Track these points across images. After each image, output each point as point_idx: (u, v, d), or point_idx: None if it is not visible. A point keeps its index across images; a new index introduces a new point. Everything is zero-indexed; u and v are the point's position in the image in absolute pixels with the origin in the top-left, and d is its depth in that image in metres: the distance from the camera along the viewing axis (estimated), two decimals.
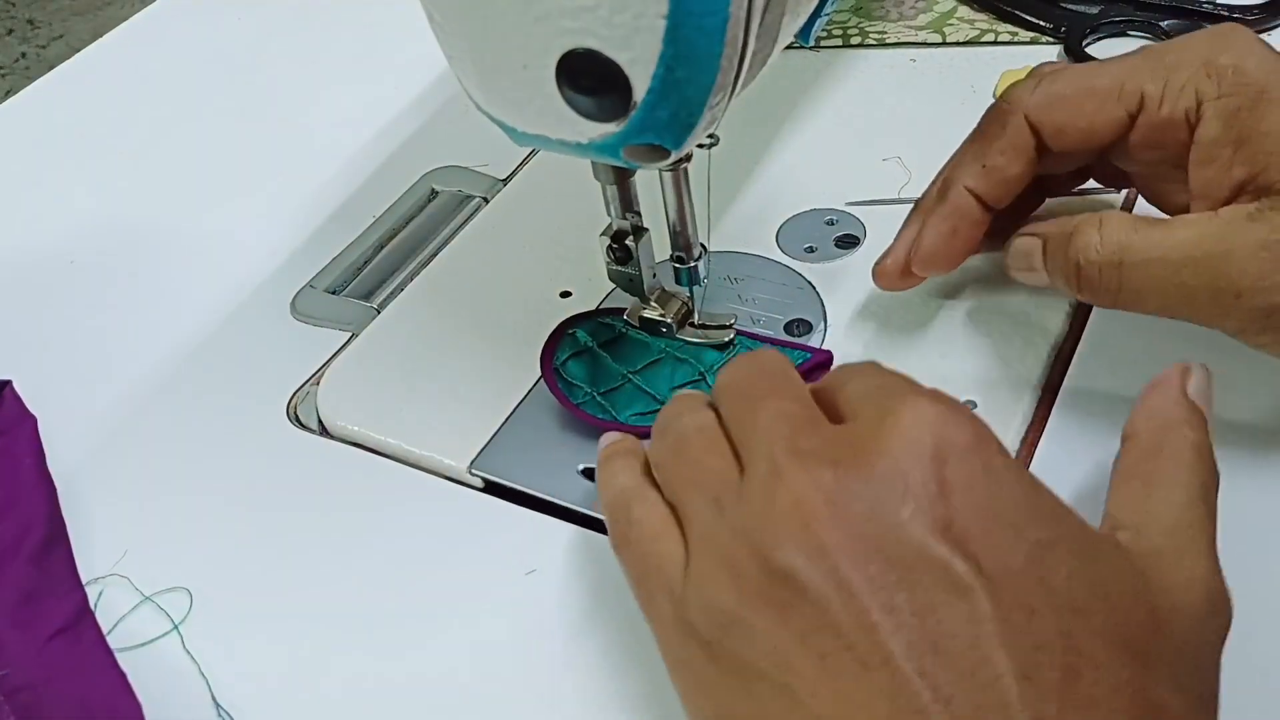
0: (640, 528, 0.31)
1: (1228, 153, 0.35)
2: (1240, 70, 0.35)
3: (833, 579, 0.26)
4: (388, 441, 0.42)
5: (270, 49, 0.66)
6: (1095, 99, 0.37)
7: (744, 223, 0.48)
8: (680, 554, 0.30)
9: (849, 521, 0.26)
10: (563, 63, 0.31)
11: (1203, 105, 0.35)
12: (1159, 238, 0.34)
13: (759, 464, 0.28)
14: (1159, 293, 0.35)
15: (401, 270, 0.50)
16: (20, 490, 0.42)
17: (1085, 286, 0.36)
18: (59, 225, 0.55)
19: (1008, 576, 0.25)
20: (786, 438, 0.28)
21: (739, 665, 0.27)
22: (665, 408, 0.33)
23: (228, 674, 0.36)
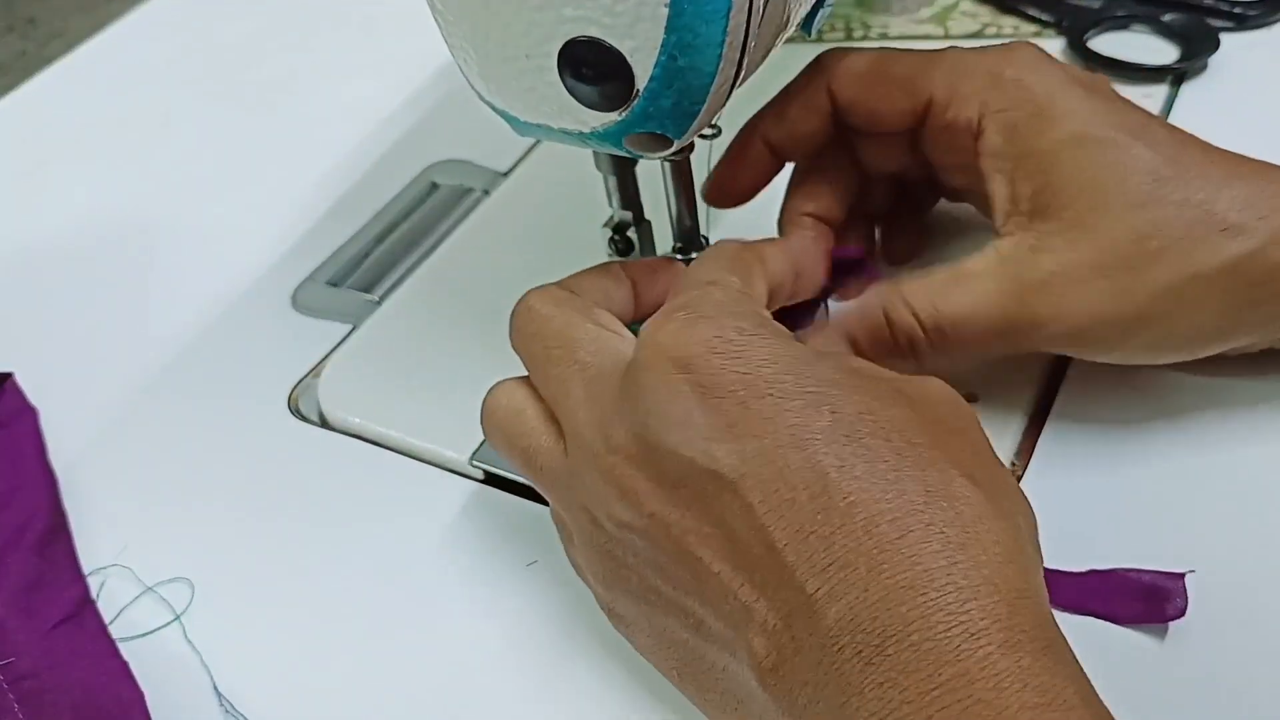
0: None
1: (1010, 166, 0.36)
2: (1022, 85, 0.36)
3: (650, 518, 0.29)
4: (388, 433, 0.42)
5: (270, 42, 0.66)
6: (885, 86, 0.38)
7: (745, 214, 0.48)
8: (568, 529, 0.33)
9: (644, 464, 0.29)
10: (565, 51, 0.31)
11: (984, 117, 0.37)
12: (963, 294, 0.36)
13: (571, 441, 0.32)
14: (980, 344, 0.36)
15: (402, 263, 0.50)
16: (22, 482, 0.42)
17: (921, 357, 0.37)
18: (60, 219, 0.55)
19: (766, 459, 0.27)
20: (583, 405, 0.31)
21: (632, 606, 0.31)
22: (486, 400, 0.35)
23: (229, 664, 0.36)
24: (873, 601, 0.25)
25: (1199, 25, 0.54)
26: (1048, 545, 0.35)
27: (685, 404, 0.28)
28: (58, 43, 0.95)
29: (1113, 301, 0.34)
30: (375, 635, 0.36)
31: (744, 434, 0.28)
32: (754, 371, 0.28)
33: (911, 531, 0.26)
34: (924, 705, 0.24)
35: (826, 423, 0.27)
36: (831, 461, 0.27)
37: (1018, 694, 0.24)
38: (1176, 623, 0.33)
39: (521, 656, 0.35)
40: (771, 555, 0.27)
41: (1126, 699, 0.26)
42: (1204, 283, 0.34)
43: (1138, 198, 0.34)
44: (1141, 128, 0.36)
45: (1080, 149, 0.35)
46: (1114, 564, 0.34)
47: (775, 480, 0.27)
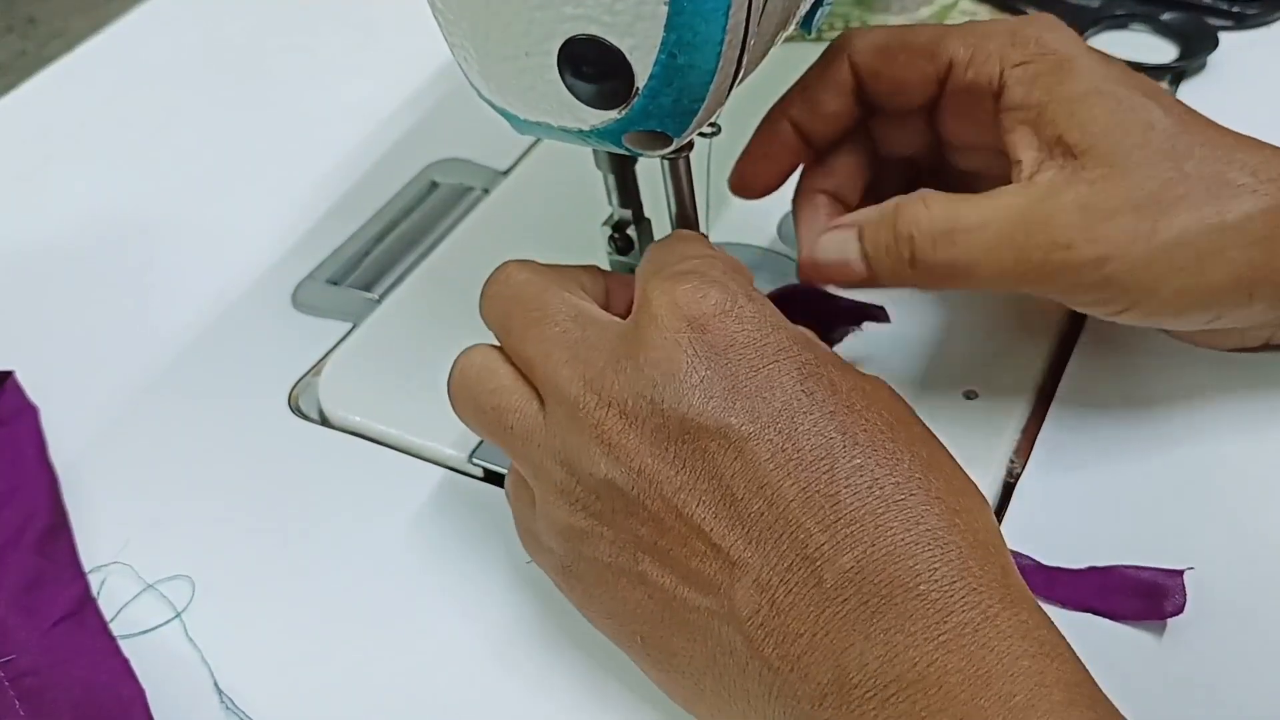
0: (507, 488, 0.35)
1: (1033, 115, 0.36)
2: (1043, 41, 0.37)
3: (639, 474, 0.29)
4: (388, 431, 0.42)
5: (270, 41, 0.66)
6: (909, 53, 0.38)
7: (745, 214, 0.48)
8: (529, 496, 0.33)
9: (639, 420, 0.29)
10: (565, 50, 0.31)
11: (1005, 72, 0.37)
12: (986, 204, 0.35)
13: (551, 397, 0.32)
14: (989, 261, 0.35)
15: (402, 261, 0.51)
16: (23, 480, 0.42)
17: (919, 261, 0.35)
18: (60, 218, 0.55)
19: (780, 413, 0.28)
20: (568, 362, 0.31)
21: (599, 568, 0.31)
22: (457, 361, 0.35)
23: (230, 661, 0.36)
24: (880, 555, 0.26)
25: (1198, 24, 0.54)
26: (1047, 543, 0.36)
27: (694, 362, 0.29)
28: (58, 42, 0.94)
29: (1139, 243, 0.34)
30: (375, 632, 0.37)
31: (753, 395, 0.29)
32: (762, 338, 0.30)
33: (913, 495, 0.27)
34: (932, 650, 0.25)
35: (828, 393, 0.29)
36: (836, 427, 0.28)
37: (1019, 642, 0.26)
38: (1175, 619, 0.33)
39: (521, 653, 0.35)
40: (774, 511, 0.28)
41: (1125, 696, 0.27)
42: (1223, 235, 0.34)
43: (1162, 146, 0.35)
44: (1156, 92, 0.36)
45: (1103, 100, 0.35)
46: (1112, 561, 0.34)
47: (783, 441, 0.28)
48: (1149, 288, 0.35)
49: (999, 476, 0.38)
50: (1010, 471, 0.38)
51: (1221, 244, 0.34)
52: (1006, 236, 0.35)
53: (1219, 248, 0.34)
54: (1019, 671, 0.25)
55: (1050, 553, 0.35)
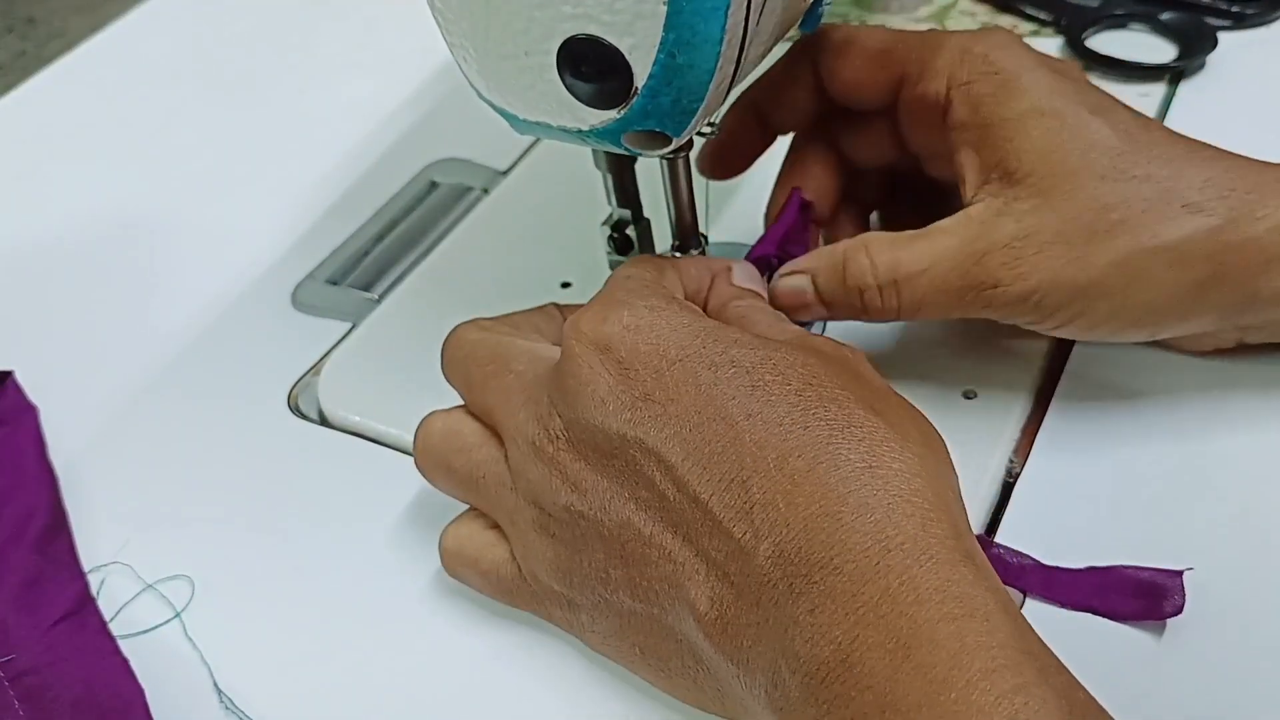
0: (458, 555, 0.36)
1: (976, 136, 0.37)
2: (989, 59, 0.37)
3: (594, 495, 0.30)
4: (388, 431, 0.42)
5: (269, 41, 0.66)
6: (862, 57, 0.39)
7: (744, 213, 0.48)
8: (506, 551, 0.34)
9: (580, 446, 0.31)
10: (564, 49, 0.31)
11: (951, 90, 0.37)
12: (922, 249, 0.36)
13: (512, 444, 0.33)
14: (934, 302, 0.36)
15: (402, 261, 0.51)
16: (22, 479, 0.42)
17: (869, 309, 0.37)
18: (60, 218, 0.55)
19: (692, 410, 0.29)
20: (523, 406, 0.32)
21: (590, 594, 0.32)
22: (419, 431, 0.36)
23: (229, 661, 0.36)
24: (795, 534, 0.26)
25: (1197, 24, 0.54)
26: (1046, 543, 0.36)
27: (607, 381, 0.30)
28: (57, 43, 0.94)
29: (1070, 268, 0.35)
30: (374, 632, 0.37)
31: (660, 400, 0.29)
32: (664, 341, 0.30)
33: (820, 463, 0.27)
34: (850, 626, 0.25)
35: (730, 376, 0.29)
36: (739, 410, 0.28)
37: (938, 605, 0.25)
38: (1174, 620, 0.33)
39: (521, 653, 0.35)
40: (698, 509, 0.28)
41: (1124, 695, 0.27)
42: (1162, 256, 0.34)
43: (1100, 169, 0.35)
44: (1106, 108, 0.36)
45: (1044, 119, 0.35)
46: (1112, 561, 0.34)
47: (692, 438, 0.29)
48: (1080, 311, 0.35)
49: (998, 476, 0.38)
50: (1009, 471, 0.38)
51: (1158, 266, 0.34)
52: (943, 279, 0.36)
53: (1155, 270, 0.34)
54: (938, 638, 0.24)
55: (1050, 552, 0.35)
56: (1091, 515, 0.36)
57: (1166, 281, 0.35)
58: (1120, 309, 0.35)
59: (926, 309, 0.37)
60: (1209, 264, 0.34)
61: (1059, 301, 0.35)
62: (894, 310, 0.37)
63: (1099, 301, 0.35)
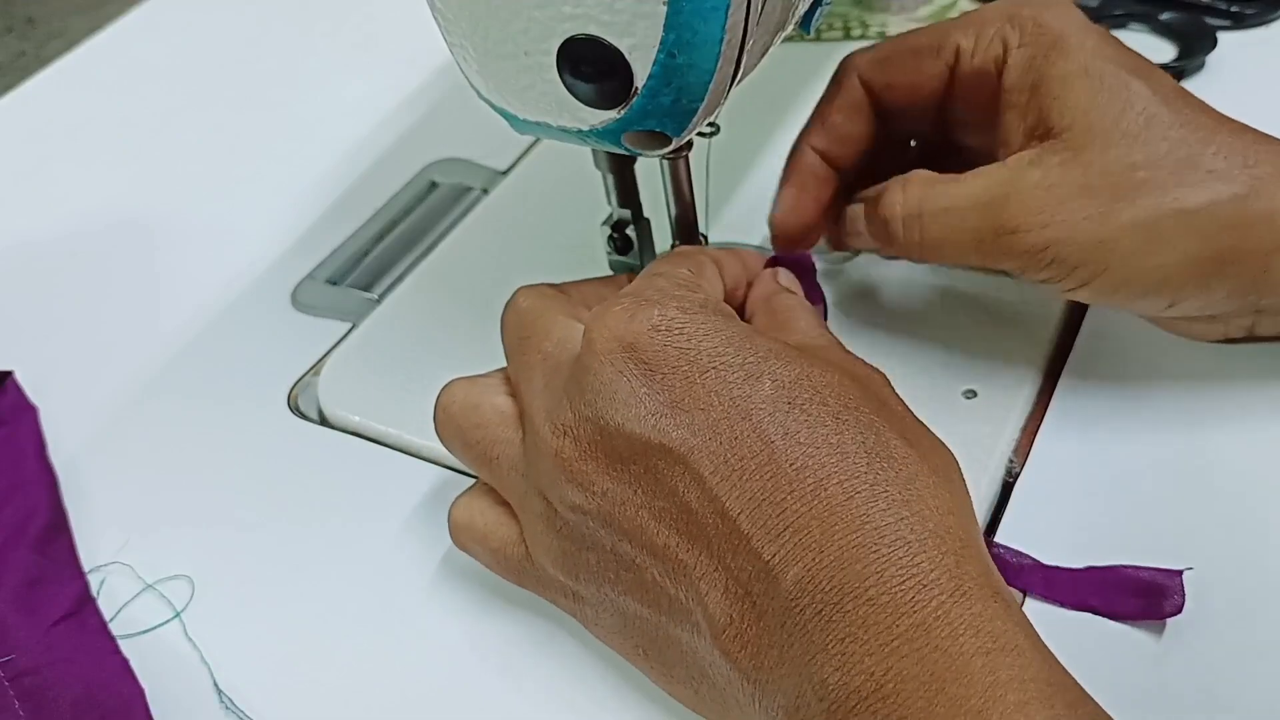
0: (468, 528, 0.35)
1: (1025, 98, 0.37)
2: (1039, 21, 0.37)
3: (602, 499, 0.30)
4: (388, 431, 0.42)
5: (269, 41, 0.66)
6: (917, 56, 0.39)
7: (744, 213, 0.48)
8: (516, 531, 0.34)
9: (592, 446, 0.30)
10: (564, 49, 0.31)
11: (1008, 53, 0.37)
12: (953, 188, 0.37)
13: (527, 430, 0.32)
14: (953, 240, 0.37)
15: (402, 261, 0.51)
16: (22, 479, 0.42)
17: (893, 240, 0.38)
18: (59, 218, 0.55)
19: (720, 421, 0.28)
20: (539, 394, 0.32)
21: (594, 590, 0.31)
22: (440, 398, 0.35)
23: (229, 660, 0.36)
24: (828, 562, 0.26)
25: (1197, 24, 0.54)
26: (1046, 542, 0.36)
27: (631, 383, 0.29)
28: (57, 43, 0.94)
29: (1090, 223, 0.35)
30: (374, 632, 0.37)
31: (690, 407, 0.29)
32: (696, 347, 0.29)
33: (859, 493, 0.27)
34: (884, 656, 0.25)
35: (768, 391, 0.28)
36: (776, 429, 0.28)
37: (971, 639, 0.25)
38: (1174, 619, 0.33)
39: (521, 652, 0.35)
40: (726, 524, 0.27)
41: (1124, 695, 0.27)
42: (1183, 220, 0.34)
43: (1133, 129, 0.35)
44: (1146, 70, 0.37)
45: (1087, 79, 0.36)
46: (1112, 560, 0.34)
47: (724, 451, 0.28)
48: (1097, 269, 0.35)
49: (998, 476, 0.38)
50: (1009, 471, 0.38)
51: (1177, 229, 0.34)
52: (964, 219, 0.36)
53: (1174, 233, 0.34)
54: (972, 672, 0.25)
55: (1050, 552, 0.35)
56: (1091, 515, 0.36)
57: (1184, 247, 0.35)
58: (1137, 272, 0.35)
59: (947, 247, 0.37)
60: (1227, 234, 0.34)
61: (1076, 257, 0.35)
62: (916, 244, 0.37)
63: (1118, 262, 0.35)
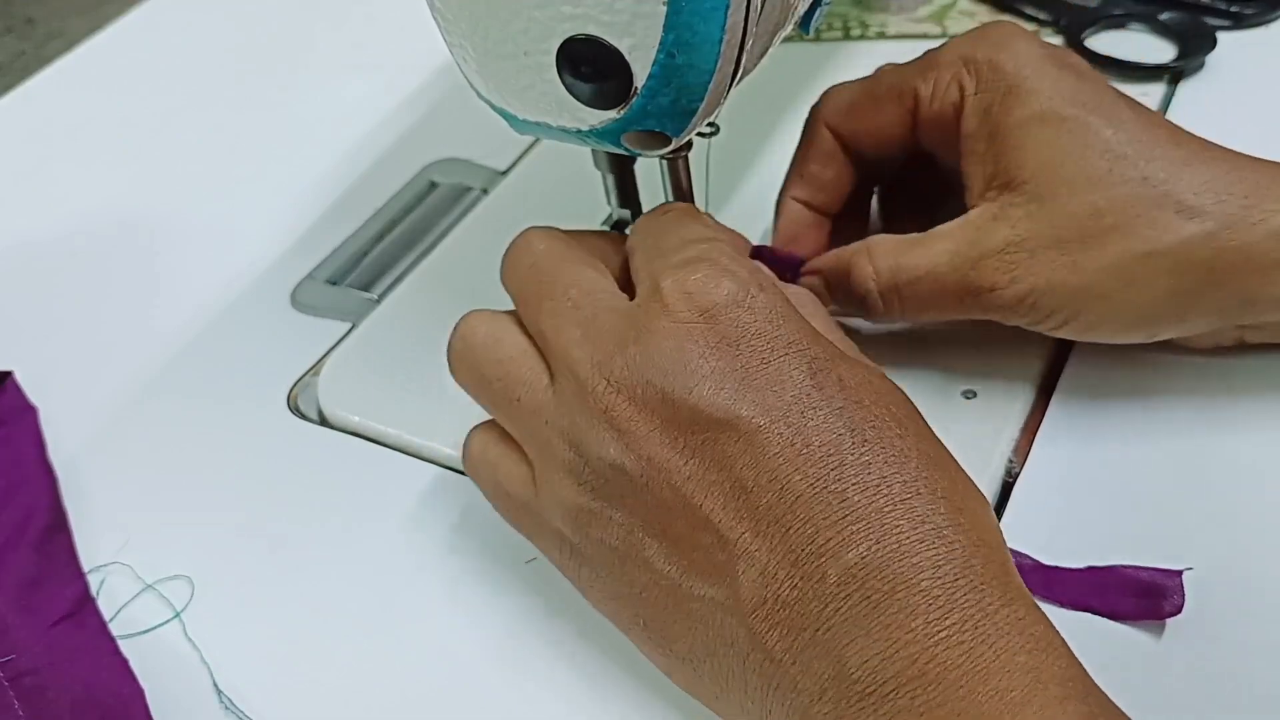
0: (481, 455, 0.35)
1: (982, 146, 0.37)
2: (994, 64, 0.37)
3: (648, 462, 0.29)
4: (388, 431, 0.42)
5: (268, 41, 0.66)
6: (877, 102, 0.40)
7: (743, 214, 0.48)
8: (526, 471, 0.33)
9: (648, 408, 0.29)
10: (563, 49, 0.31)
11: (964, 99, 0.38)
12: (922, 254, 0.37)
13: (561, 374, 0.31)
14: (934, 304, 0.38)
15: (402, 261, 0.51)
16: (22, 480, 0.42)
17: (872, 311, 0.39)
18: (59, 218, 0.55)
19: (791, 405, 0.28)
20: (580, 340, 0.31)
21: (605, 550, 0.31)
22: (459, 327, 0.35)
23: (229, 661, 0.36)
24: (885, 553, 0.27)
25: (1196, 24, 0.54)
26: (1046, 542, 0.36)
27: (707, 353, 0.29)
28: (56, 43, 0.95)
29: (1063, 273, 0.35)
30: (374, 632, 0.37)
31: (763, 387, 0.29)
32: (773, 330, 0.30)
33: (919, 494, 0.27)
34: (930, 645, 0.26)
35: (837, 388, 0.29)
36: (845, 424, 0.28)
37: (1017, 638, 0.26)
38: (1173, 619, 0.33)
39: (520, 653, 0.35)
40: (783, 504, 0.28)
41: (1123, 695, 0.27)
42: (1155, 261, 0.35)
43: (1095, 174, 0.35)
44: (1108, 106, 0.36)
45: (1045, 126, 0.36)
46: (1112, 561, 0.34)
47: (793, 434, 0.28)
48: (1074, 313, 0.36)
49: (998, 476, 0.38)
50: (1009, 471, 0.38)
51: (1148, 271, 0.35)
52: (940, 284, 0.37)
53: (1146, 275, 0.35)
54: (1016, 667, 0.25)
55: (1049, 552, 0.35)
56: (1091, 515, 0.36)
57: (1161, 286, 0.35)
58: (1116, 311, 0.36)
59: (927, 311, 0.38)
60: (1203, 269, 0.35)
61: (1054, 304, 0.36)
62: (896, 312, 0.38)
63: (1094, 304, 0.36)
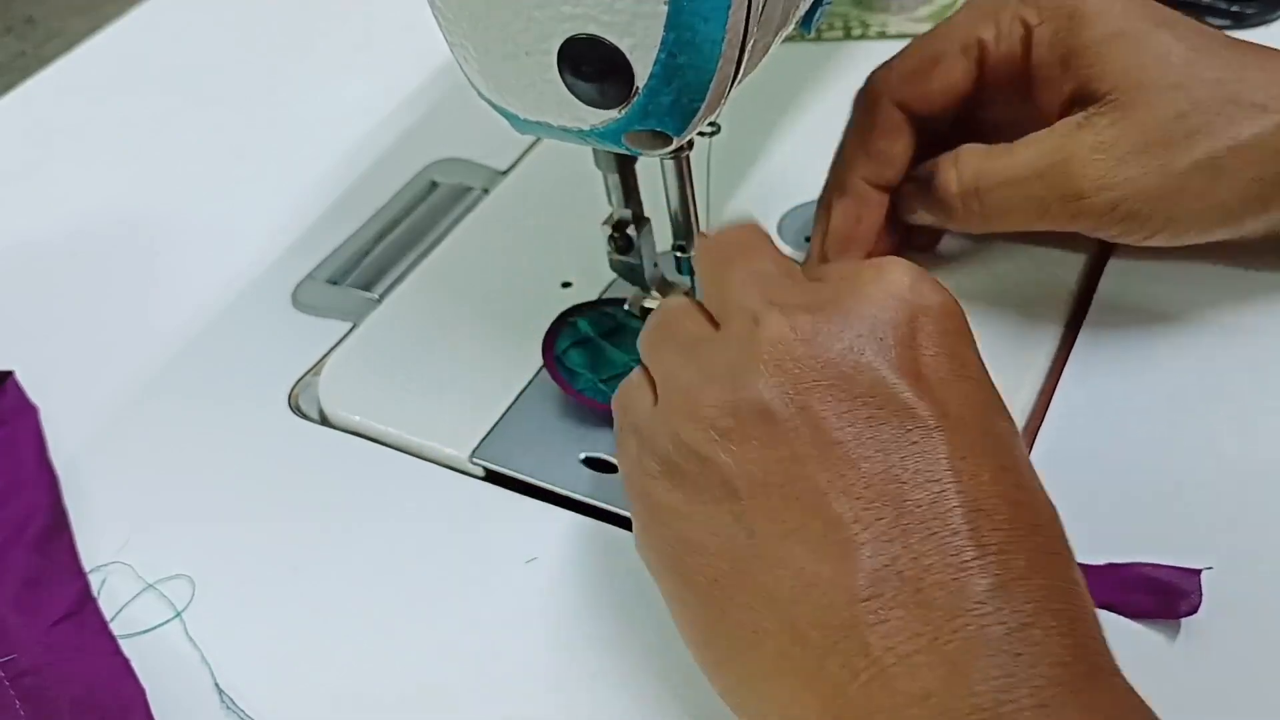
0: (621, 391, 0.34)
1: (1057, 71, 0.39)
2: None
3: (806, 413, 0.28)
4: (389, 431, 0.42)
5: (269, 41, 0.66)
6: (942, 62, 0.40)
7: (745, 213, 0.48)
8: (649, 399, 0.32)
9: (824, 360, 0.28)
10: (564, 49, 0.31)
11: (1031, 32, 0.39)
12: (1007, 160, 0.38)
13: (735, 317, 0.31)
14: (1018, 209, 0.38)
15: (402, 261, 0.50)
16: (22, 479, 0.42)
17: (953, 215, 0.40)
18: (60, 218, 0.55)
19: (969, 422, 0.28)
20: (762, 291, 0.30)
21: (699, 495, 0.29)
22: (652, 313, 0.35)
23: (230, 660, 0.36)
24: (1033, 592, 0.26)
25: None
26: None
27: (906, 340, 0.29)
28: (56, 43, 0.94)
29: (1153, 176, 0.37)
30: (375, 631, 0.37)
31: (947, 398, 0.28)
32: (965, 354, 0.30)
33: (1063, 552, 0.28)
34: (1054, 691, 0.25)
35: (1005, 428, 0.29)
36: (1010, 459, 0.28)
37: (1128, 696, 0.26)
38: (1190, 619, 0.33)
39: (520, 653, 0.35)
40: (934, 509, 0.27)
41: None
42: (1239, 154, 0.36)
43: (1174, 79, 0.37)
44: (1170, 20, 0.38)
45: (1117, 41, 0.38)
46: (1112, 559, 0.34)
47: (965, 446, 0.27)
48: (1167, 216, 0.37)
49: None
50: None
51: (1234, 165, 0.36)
52: (1026, 190, 0.38)
53: (1232, 169, 0.36)
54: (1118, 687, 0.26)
55: None
56: (1098, 510, 0.36)
57: (1246, 178, 0.37)
58: (1205, 210, 0.37)
59: (1010, 216, 0.39)
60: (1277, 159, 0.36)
61: (1145, 211, 0.37)
62: (976, 218, 0.39)
63: (1181, 208, 0.37)
